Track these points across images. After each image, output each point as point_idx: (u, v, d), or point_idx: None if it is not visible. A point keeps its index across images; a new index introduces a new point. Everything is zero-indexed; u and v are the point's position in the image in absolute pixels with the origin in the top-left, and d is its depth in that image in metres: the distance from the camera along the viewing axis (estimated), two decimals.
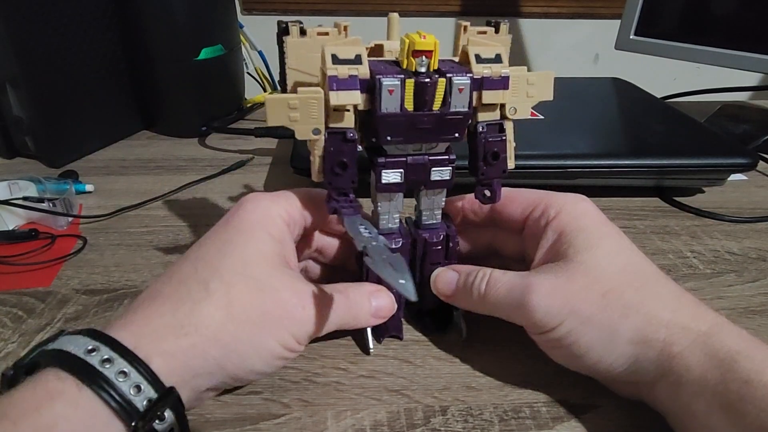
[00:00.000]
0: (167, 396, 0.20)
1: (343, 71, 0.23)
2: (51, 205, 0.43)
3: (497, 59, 0.25)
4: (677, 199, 0.50)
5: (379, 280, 0.29)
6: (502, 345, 0.32)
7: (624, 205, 0.49)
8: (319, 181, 0.26)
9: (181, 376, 0.21)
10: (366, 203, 0.29)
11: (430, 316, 0.33)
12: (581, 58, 0.92)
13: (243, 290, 0.23)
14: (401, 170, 0.26)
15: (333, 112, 0.25)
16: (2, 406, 0.18)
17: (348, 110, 0.25)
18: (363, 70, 0.24)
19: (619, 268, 0.26)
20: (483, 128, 0.27)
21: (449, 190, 0.29)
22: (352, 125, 0.25)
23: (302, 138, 0.25)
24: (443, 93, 0.24)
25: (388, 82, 0.23)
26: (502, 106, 0.27)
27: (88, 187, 0.50)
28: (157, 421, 0.20)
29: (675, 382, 0.23)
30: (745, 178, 0.56)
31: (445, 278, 0.30)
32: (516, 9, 0.88)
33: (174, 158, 0.58)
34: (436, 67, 0.24)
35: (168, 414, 0.20)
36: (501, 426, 0.27)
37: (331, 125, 0.25)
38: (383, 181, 0.26)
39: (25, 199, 0.43)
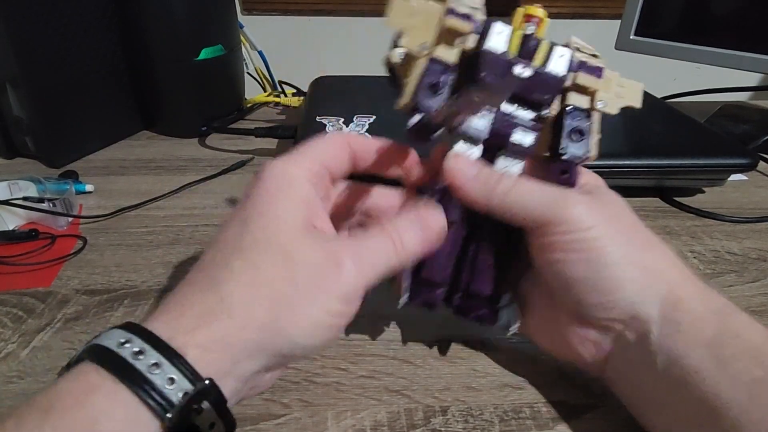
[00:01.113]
0: (204, 388, 0.19)
1: (462, 7, 0.24)
2: (51, 205, 0.43)
3: (594, 56, 0.27)
4: (677, 199, 0.50)
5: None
6: (502, 345, 0.32)
7: None
8: (405, 106, 0.25)
9: (220, 366, 0.20)
10: None
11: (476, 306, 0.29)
12: None
13: (268, 264, 0.22)
14: (491, 116, 0.26)
15: (443, 39, 0.25)
16: (49, 397, 0.18)
17: (457, 39, 0.25)
18: (479, 16, 0.25)
19: (637, 216, 0.27)
20: (571, 109, 0.27)
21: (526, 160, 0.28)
22: (454, 60, 0.25)
23: (410, 46, 0.25)
24: (545, 55, 0.25)
25: (499, 25, 0.25)
26: (593, 96, 0.27)
27: (88, 187, 0.50)
28: (194, 415, 0.19)
29: (674, 329, 0.23)
30: (745, 178, 0.56)
31: (463, 161, 0.26)
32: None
33: (174, 158, 0.58)
34: (542, 36, 0.26)
35: (206, 407, 0.19)
36: (501, 426, 0.27)
37: (436, 54, 0.25)
38: (471, 123, 0.26)
39: (25, 199, 0.43)
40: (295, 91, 0.80)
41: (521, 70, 0.25)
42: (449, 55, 0.25)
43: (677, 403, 0.23)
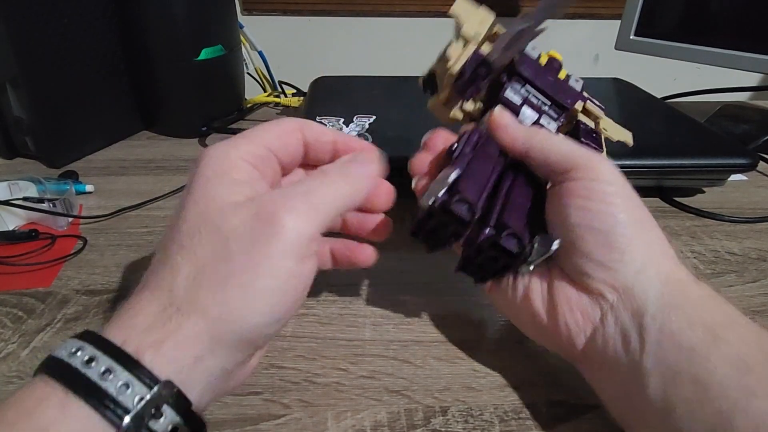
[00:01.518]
0: (162, 391, 0.18)
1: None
2: (51, 205, 0.43)
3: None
4: (677, 199, 0.50)
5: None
6: (502, 345, 0.32)
7: None
8: (447, 91, 0.32)
9: (180, 365, 0.19)
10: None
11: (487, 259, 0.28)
12: (581, 58, 0.92)
13: (203, 247, 0.20)
14: (525, 95, 0.30)
15: (491, 39, 0.32)
16: (1, 410, 0.18)
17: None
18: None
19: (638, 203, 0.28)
20: (582, 123, 0.32)
21: None
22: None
23: (468, 31, 0.31)
24: (565, 76, 0.32)
25: (534, 46, 0.31)
26: (597, 123, 0.33)
27: (88, 188, 0.50)
28: (153, 420, 0.18)
29: (673, 306, 0.23)
30: (745, 178, 0.56)
31: (509, 115, 0.29)
32: (516, 9, 0.88)
33: (174, 158, 0.58)
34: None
35: (167, 410, 0.18)
36: (501, 426, 0.27)
37: (482, 50, 0.31)
38: (507, 94, 0.30)
39: (25, 199, 0.43)
40: (295, 91, 0.80)
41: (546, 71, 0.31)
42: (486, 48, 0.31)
43: (663, 383, 0.22)
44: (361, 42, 0.92)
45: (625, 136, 0.34)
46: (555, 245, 0.26)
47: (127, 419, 0.17)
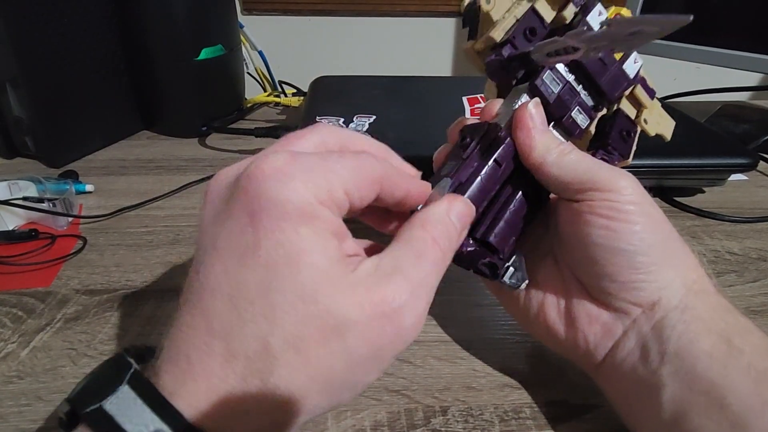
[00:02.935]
0: None
1: None
2: (51, 205, 0.43)
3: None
4: (677, 199, 0.50)
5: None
6: (502, 345, 0.32)
7: None
8: (492, 40, 0.26)
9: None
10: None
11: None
12: None
13: (317, 342, 0.17)
14: (561, 84, 0.27)
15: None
16: None
17: (558, 5, 0.27)
18: None
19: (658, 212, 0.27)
20: (623, 113, 0.29)
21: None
22: (548, 20, 0.27)
23: None
24: (622, 54, 0.28)
25: (600, 7, 0.27)
26: (639, 112, 0.30)
27: (88, 187, 0.50)
28: None
29: (691, 315, 0.23)
30: (745, 178, 0.56)
31: (542, 113, 0.26)
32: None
33: (174, 158, 0.58)
34: None
35: None
36: (501, 426, 0.27)
37: (537, 6, 0.27)
38: (545, 78, 0.26)
39: (25, 199, 0.43)
40: (295, 91, 0.80)
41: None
42: (548, 13, 0.27)
43: (679, 393, 0.23)
44: (361, 42, 0.92)
45: (665, 128, 0.31)
46: (523, 286, 0.26)
47: None
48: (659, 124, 0.30)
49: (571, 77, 0.27)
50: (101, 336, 0.32)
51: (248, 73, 0.79)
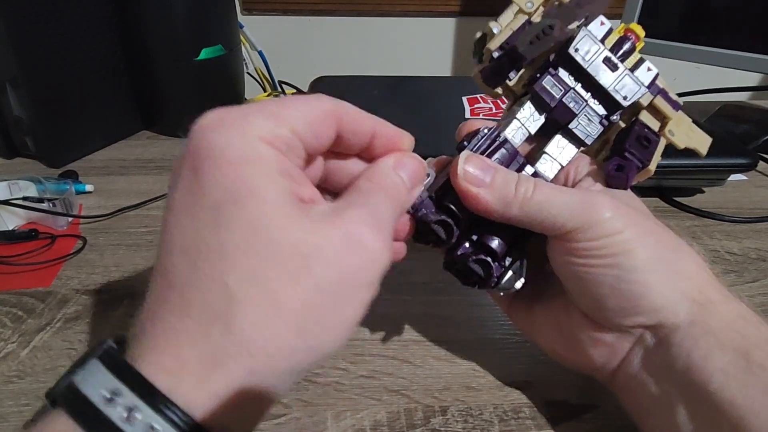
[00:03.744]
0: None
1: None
2: (51, 205, 0.43)
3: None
4: (677, 199, 0.50)
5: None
6: (502, 345, 0.32)
7: None
8: (491, 48, 0.26)
9: (236, 413, 0.17)
10: None
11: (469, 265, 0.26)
12: None
13: (278, 275, 0.17)
14: (564, 89, 0.26)
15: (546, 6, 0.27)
16: None
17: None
18: (586, 8, 0.26)
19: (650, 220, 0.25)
20: (642, 123, 0.27)
21: (581, 150, 0.27)
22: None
23: (518, 1, 0.27)
24: (634, 62, 0.26)
25: (604, 18, 0.26)
26: (664, 124, 0.27)
27: (88, 187, 0.50)
28: None
29: (701, 330, 0.22)
30: (745, 178, 0.56)
31: (479, 164, 0.23)
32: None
33: (174, 158, 0.58)
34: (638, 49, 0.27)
35: None
36: (501, 426, 0.27)
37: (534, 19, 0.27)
38: (544, 83, 0.26)
39: (25, 199, 0.43)
40: (295, 91, 0.80)
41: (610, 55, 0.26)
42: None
43: (693, 410, 0.22)
44: (361, 42, 0.92)
45: (697, 142, 0.28)
46: (518, 284, 0.25)
47: None
48: (690, 138, 0.28)
49: (577, 85, 0.26)
50: (101, 336, 0.32)
51: (248, 73, 0.79)
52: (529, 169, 0.26)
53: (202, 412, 0.16)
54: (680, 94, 0.74)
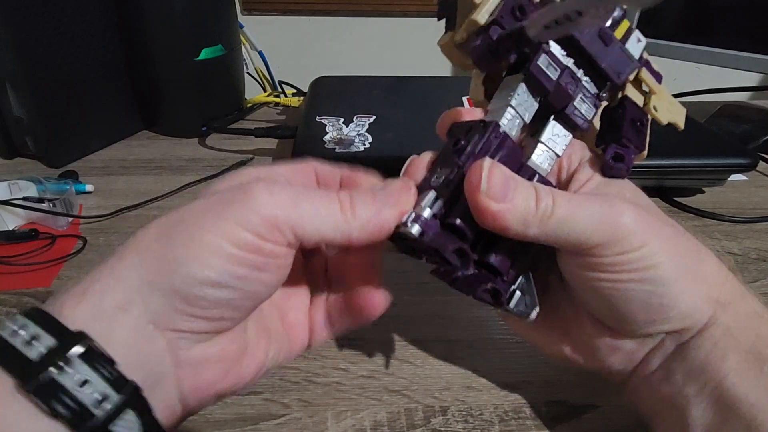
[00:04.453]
0: (70, 341, 0.16)
1: None
2: (51, 205, 0.43)
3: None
4: (677, 199, 0.50)
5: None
6: (502, 345, 0.32)
7: None
8: (476, 23, 0.23)
9: (98, 312, 0.17)
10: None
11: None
12: None
13: (174, 211, 0.20)
14: (560, 70, 0.23)
15: None
16: None
17: None
18: None
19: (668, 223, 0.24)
20: (630, 101, 0.25)
21: (575, 135, 0.25)
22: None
23: None
24: (624, 33, 0.24)
25: None
26: (647, 99, 0.25)
27: (88, 187, 0.50)
28: (61, 373, 0.16)
29: (718, 330, 0.22)
30: (745, 178, 0.56)
31: (501, 177, 0.20)
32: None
33: (174, 158, 0.58)
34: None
35: (78, 364, 0.16)
36: (501, 426, 0.27)
37: None
38: (540, 63, 0.22)
39: (25, 199, 0.43)
40: (295, 91, 0.80)
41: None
42: None
43: (707, 410, 0.22)
44: (361, 42, 0.92)
45: (677, 116, 0.27)
46: (533, 315, 0.23)
47: (28, 371, 0.16)
48: (671, 111, 0.26)
49: (569, 61, 0.23)
50: None
51: (248, 73, 0.79)
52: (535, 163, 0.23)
53: (73, 322, 0.17)
54: (680, 94, 0.74)
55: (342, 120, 0.53)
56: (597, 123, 0.26)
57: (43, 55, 0.51)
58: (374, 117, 0.53)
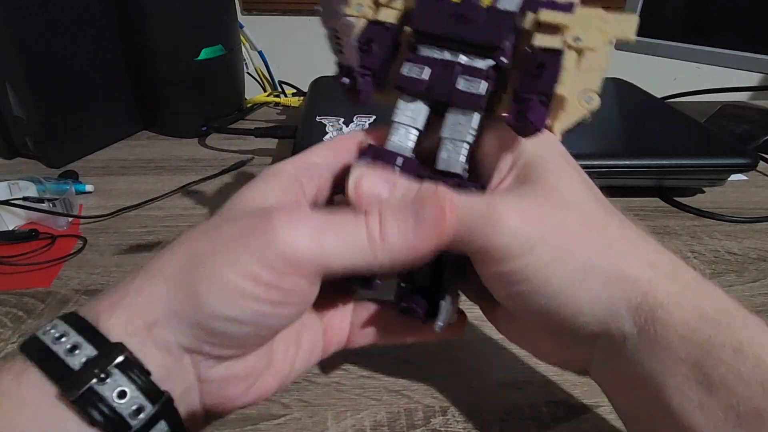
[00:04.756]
0: (110, 352, 0.17)
1: None
2: (51, 205, 0.43)
3: None
4: (677, 199, 0.50)
5: None
6: (502, 345, 0.32)
7: (624, 205, 0.48)
8: (337, 64, 0.23)
9: (134, 327, 0.18)
10: None
11: (423, 296, 0.24)
12: None
13: (197, 231, 0.20)
14: (427, 66, 0.22)
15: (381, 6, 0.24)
16: None
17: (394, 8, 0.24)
18: None
19: (595, 198, 0.21)
20: (533, 50, 0.22)
21: (482, 116, 0.23)
22: (394, 21, 0.24)
23: (349, 7, 0.24)
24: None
25: None
26: (563, 36, 0.22)
27: (88, 187, 0.50)
28: (99, 383, 0.16)
29: (652, 340, 0.18)
30: (745, 178, 0.56)
31: (372, 181, 0.20)
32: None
33: (174, 158, 0.58)
34: None
35: (117, 375, 0.16)
36: (501, 426, 0.27)
37: (372, 17, 0.24)
38: (402, 71, 0.22)
39: (25, 199, 0.43)
40: (295, 91, 0.80)
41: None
42: (387, 16, 0.24)
43: (657, 423, 0.19)
44: None
45: (619, 29, 0.23)
46: (436, 327, 0.22)
47: (69, 380, 0.16)
48: (605, 32, 0.22)
49: (444, 53, 0.22)
50: None
51: (248, 73, 0.78)
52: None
53: (104, 325, 0.17)
54: (680, 94, 0.74)
55: (342, 120, 0.53)
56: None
57: (43, 55, 0.51)
58: (374, 117, 0.53)
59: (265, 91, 0.82)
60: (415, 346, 0.32)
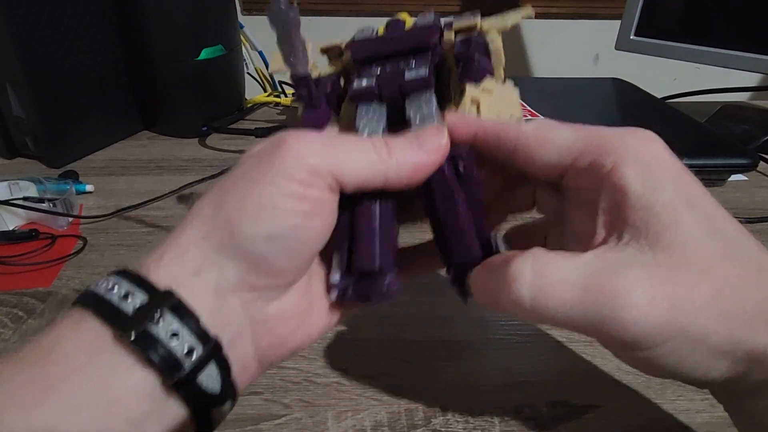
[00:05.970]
0: (161, 297, 0.17)
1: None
2: (51, 205, 0.43)
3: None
4: None
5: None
6: (502, 345, 0.32)
7: None
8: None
9: (181, 272, 0.18)
10: None
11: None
12: (581, 58, 0.92)
13: (228, 175, 0.21)
14: (373, 77, 0.25)
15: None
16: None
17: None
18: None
19: (724, 245, 0.18)
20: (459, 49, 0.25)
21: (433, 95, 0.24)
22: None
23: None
24: (411, 24, 0.27)
25: (363, 28, 0.28)
26: (479, 30, 0.26)
27: (88, 188, 0.50)
28: (152, 324, 0.17)
29: None
30: (745, 178, 0.56)
31: (480, 279, 0.21)
32: (516, 9, 0.88)
33: (174, 158, 0.58)
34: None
35: (168, 316, 0.17)
36: (502, 426, 0.27)
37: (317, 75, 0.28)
38: (353, 86, 0.25)
39: (25, 199, 0.43)
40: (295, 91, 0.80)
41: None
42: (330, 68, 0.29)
43: None
44: None
45: (516, 15, 0.26)
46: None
47: (125, 324, 0.17)
48: (507, 19, 0.26)
49: (382, 66, 0.25)
50: None
51: (248, 73, 0.78)
52: None
53: (163, 284, 0.18)
54: (680, 94, 0.74)
55: None
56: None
57: (43, 55, 0.51)
58: None
59: (265, 91, 0.82)
60: (415, 346, 0.32)
